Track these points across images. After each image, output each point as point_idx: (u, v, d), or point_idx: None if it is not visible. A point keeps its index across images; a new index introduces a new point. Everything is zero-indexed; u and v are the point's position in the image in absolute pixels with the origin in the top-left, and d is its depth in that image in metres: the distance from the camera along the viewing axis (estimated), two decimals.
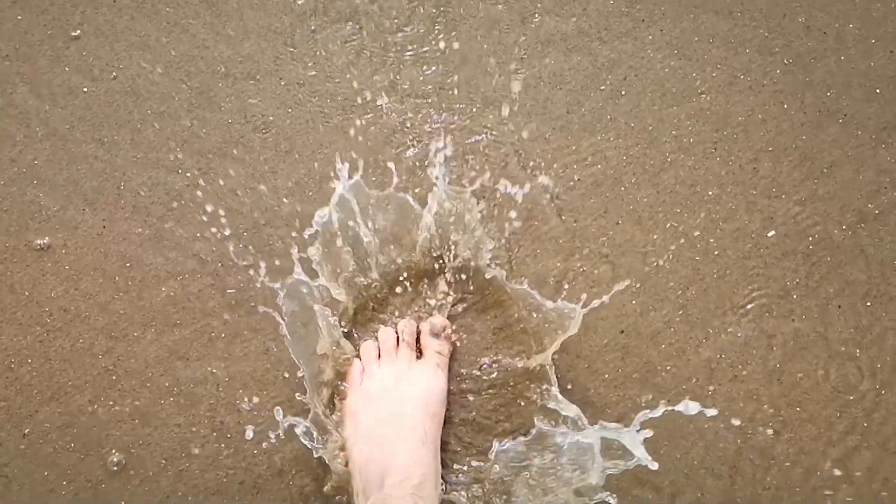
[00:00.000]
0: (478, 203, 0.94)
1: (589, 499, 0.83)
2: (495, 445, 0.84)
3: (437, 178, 0.91)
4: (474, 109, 0.98)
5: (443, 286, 0.94)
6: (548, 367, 0.88)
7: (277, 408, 0.89)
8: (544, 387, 0.90)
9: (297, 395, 0.91)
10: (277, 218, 0.96)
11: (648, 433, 0.76)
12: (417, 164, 0.97)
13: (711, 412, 0.86)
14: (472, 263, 0.93)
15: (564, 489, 0.83)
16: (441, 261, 0.93)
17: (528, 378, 0.91)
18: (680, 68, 0.98)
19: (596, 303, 0.88)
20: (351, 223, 0.91)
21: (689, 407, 0.81)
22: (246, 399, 0.92)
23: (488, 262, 0.93)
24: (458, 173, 0.97)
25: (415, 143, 0.98)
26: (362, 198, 0.92)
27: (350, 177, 0.90)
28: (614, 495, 0.82)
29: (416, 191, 0.96)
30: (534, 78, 0.99)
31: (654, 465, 0.77)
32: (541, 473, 0.84)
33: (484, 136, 0.97)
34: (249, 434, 0.91)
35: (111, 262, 0.96)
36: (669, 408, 0.84)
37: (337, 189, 0.90)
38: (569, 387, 0.91)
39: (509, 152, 0.97)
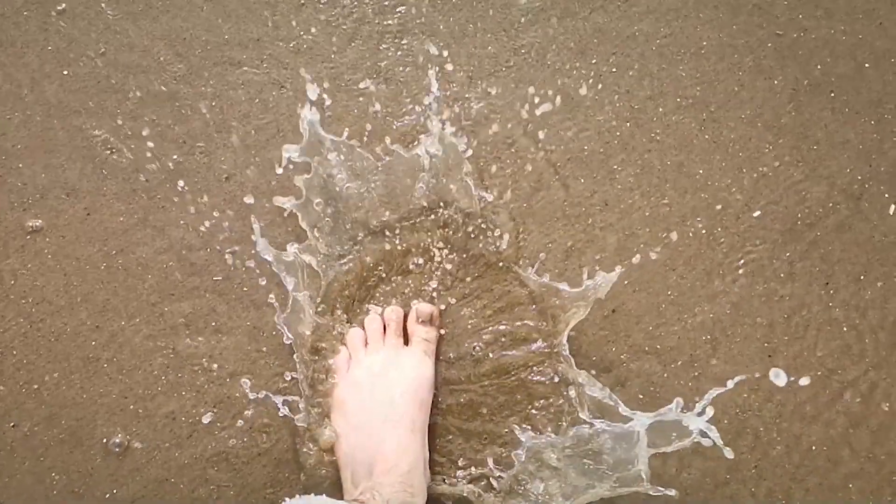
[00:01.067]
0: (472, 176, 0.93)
1: (626, 487, 0.80)
2: (519, 434, 0.83)
3: (430, 103, 0.89)
4: (463, 85, 0.97)
5: (441, 257, 0.93)
6: (563, 345, 0.88)
7: (245, 379, 0.90)
8: (554, 368, 0.89)
9: (286, 373, 0.91)
10: (263, 203, 0.95)
11: (711, 412, 0.74)
12: (409, 134, 0.96)
13: (804, 381, 0.87)
14: (472, 233, 0.92)
15: (604, 480, 0.80)
16: (434, 215, 0.93)
17: (535, 358, 0.91)
18: (666, 45, 0.97)
19: (636, 259, 0.90)
20: (322, 167, 0.89)
21: (780, 376, 0.80)
22: (234, 384, 0.91)
23: (486, 229, 0.92)
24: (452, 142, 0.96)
25: (404, 118, 0.97)
26: (351, 157, 0.92)
27: (320, 100, 0.88)
28: (674, 491, 0.80)
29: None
30: (519, 57, 0.97)
31: (730, 454, 0.75)
32: (570, 458, 0.82)
33: (474, 108, 0.96)
34: (219, 418, 0.91)
35: (95, 250, 0.94)
36: (756, 375, 0.82)
37: (304, 116, 0.88)
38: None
39: (497, 127, 0.96)
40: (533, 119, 0.96)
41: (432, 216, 0.93)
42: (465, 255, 0.93)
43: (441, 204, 0.93)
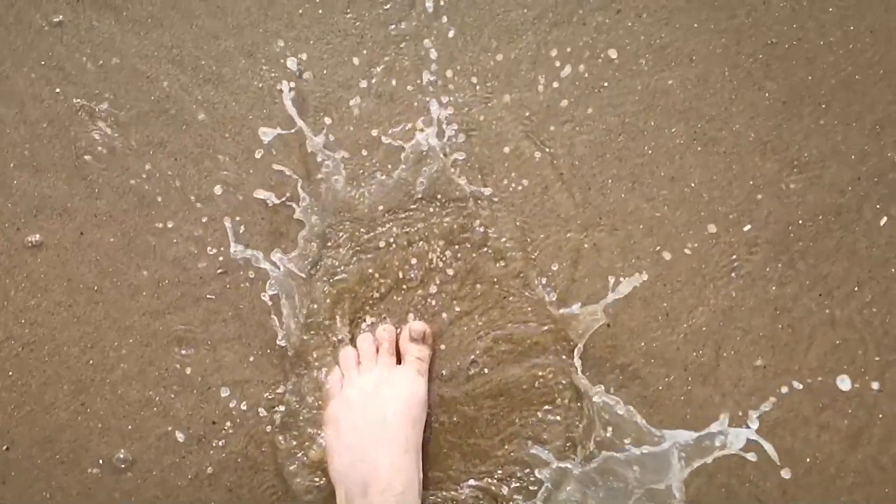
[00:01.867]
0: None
1: None
2: (540, 454, 0.83)
3: (428, 83, 0.90)
4: (461, 91, 0.97)
5: (441, 264, 0.93)
6: (576, 360, 0.88)
7: (239, 395, 0.90)
8: (564, 382, 0.89)
9: (279, 386, 0.91)
10: (254, 222, 0.95)
11: (756, 424, 0.73)
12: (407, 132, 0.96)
13: (876, 385, 0.87)
14: (472, 238, 0.92)
15: (630, 498, 0.79)
16: (433, 208, 0.93)
17: (542, 373, 0.91)
18: (659, 57, 0.97)
19: (667, 255, 0.90)
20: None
21: (845, 382, 0.80)
22: (228, 401, 0.91)
23: (487, 233, 0.92)
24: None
25: (401, 122, 0.97)
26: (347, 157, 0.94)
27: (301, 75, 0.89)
28: None
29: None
30: (510, 63, 0.97)
31: (787, 473, 0.74)
32: (594, 476, 0.82)
33: (472, 110, 0.96)
34: (214, 436, 0.91)
35: (87, 270, 0.94)
36: (818, 380, 0.85)
37: (285, 93, 0.88)
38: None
39: (493, 132, 0.96)
40: (530, 125, 0.96)
41: (431, 209, 0.93)
42: (466, 264, 0.93)
43: (439, 199, 0.93)
